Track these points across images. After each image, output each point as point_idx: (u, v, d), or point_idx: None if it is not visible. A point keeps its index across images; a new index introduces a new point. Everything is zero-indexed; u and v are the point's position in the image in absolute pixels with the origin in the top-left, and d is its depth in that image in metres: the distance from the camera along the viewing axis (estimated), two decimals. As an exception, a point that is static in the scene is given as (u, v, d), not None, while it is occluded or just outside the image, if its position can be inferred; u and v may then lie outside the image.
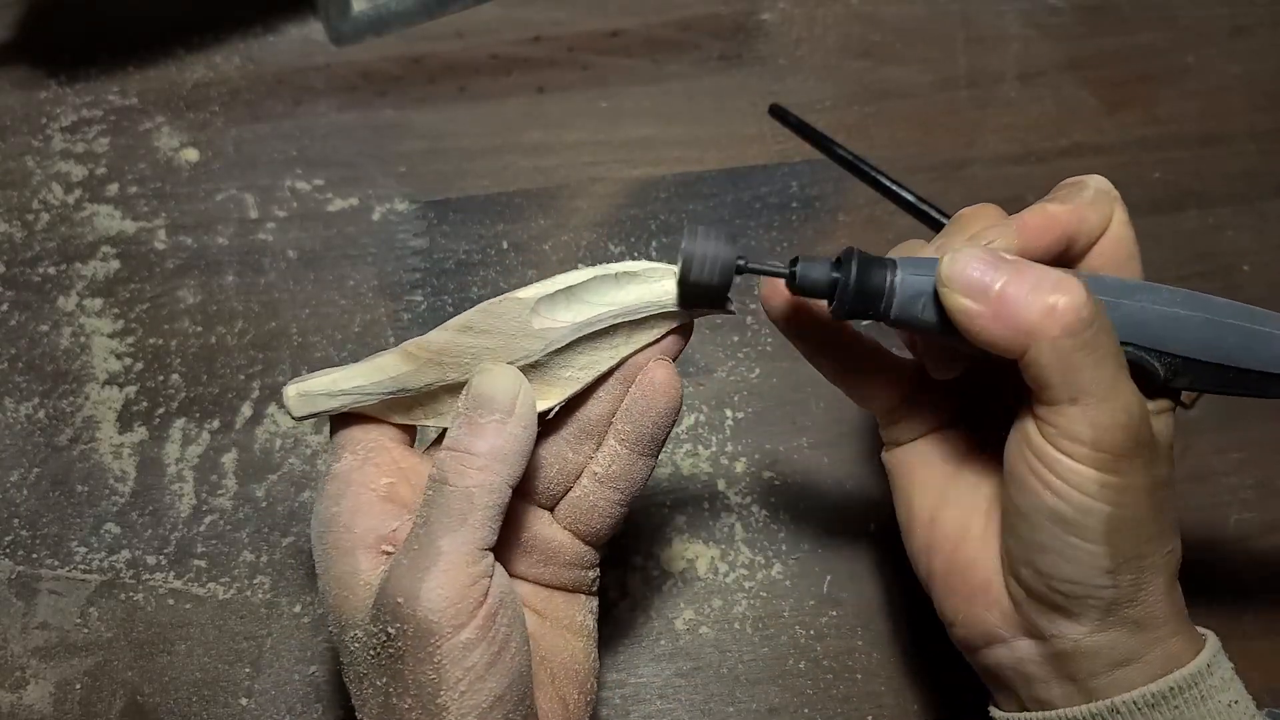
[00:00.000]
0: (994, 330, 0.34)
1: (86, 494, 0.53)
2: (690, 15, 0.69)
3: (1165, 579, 0.37)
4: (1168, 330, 0.36)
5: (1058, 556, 0.37)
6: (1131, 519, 0.36)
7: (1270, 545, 0.55)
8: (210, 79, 0.64)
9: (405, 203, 0.61)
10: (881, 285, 0.35)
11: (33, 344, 0.56)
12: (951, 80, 0.68)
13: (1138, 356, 0.37)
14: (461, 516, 0.35)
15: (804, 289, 0.36)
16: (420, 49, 0.66)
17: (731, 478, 0.55)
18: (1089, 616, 0.37)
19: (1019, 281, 0.34)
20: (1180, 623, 0.38)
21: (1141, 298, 0.36)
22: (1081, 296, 0.34)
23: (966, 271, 0.34)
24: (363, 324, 0.57)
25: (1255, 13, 0.71)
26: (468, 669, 0.34)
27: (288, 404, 0.39)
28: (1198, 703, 0.37)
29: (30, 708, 0.48)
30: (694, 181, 0.63)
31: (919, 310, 0.36)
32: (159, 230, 0.60)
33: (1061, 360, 0.34)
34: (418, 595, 0.34)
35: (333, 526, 0.37)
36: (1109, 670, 0.38)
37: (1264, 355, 0.37)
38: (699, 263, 0.35)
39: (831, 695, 0.50)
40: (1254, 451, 0.57)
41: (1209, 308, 0.37)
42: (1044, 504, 0.36)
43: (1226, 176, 0.65)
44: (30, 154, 0.61)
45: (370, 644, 0.35)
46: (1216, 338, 0.36)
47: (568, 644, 0.41)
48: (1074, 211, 0.38)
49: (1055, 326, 0.33)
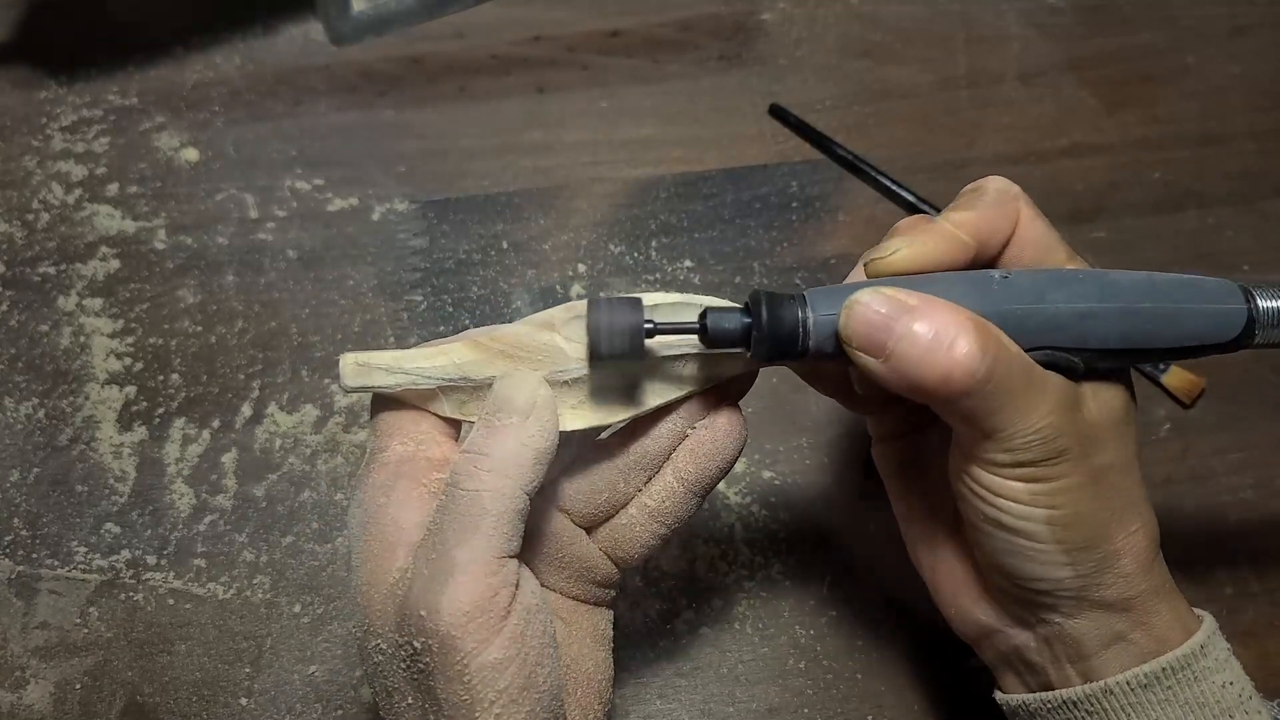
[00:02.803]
0: (895, 387, 0.35)
1: (86, 494, 0.53)
2: (690, 15, 0.69)
3: (1135, 558, 0.38)
4: (1084, 328, 0.36)
5: (1015, 559, 0.37)
6: (1075, 515, 0.37)
7: (1271, 545, 0.55)
8: (210, 79, 0.64)
9: (405, 202, 0.61)
10: (795, 327, 0.35)
11: (33, 344, 0.56)
12: (951, 80, 0.68)
13: (1056, 357, 0.37)
14: (474, 523, 0.33)
15: (717, 341, 0.35)
16: (420, 49, 0.66)
17: (731, 477, 0.55)
18: (1064, 605, 0.38)
19: (913, 343, 0.34)
20: (1168, 599, 0.39)
21: (1055, 297, 0.36)
22: (975, 358, 0.33)
23: (862, 327, 0.34)
24: (363, 324, 0.57)
25: (1255, 13, 0.71)
26: (501, 690, 0.33)
27: (343, 371, 0.37)
28: (1191, 683, 0.38)
29: (30, 707, 0.48)
30: (694, 181, 0.63)
31: (834, 348, 0.35)
32: (159, 230, 0.60)
33: (963, 413, 0.35)
34: (439, 609, 0.32)
35: (379, 519, 0.35)
36: (1101, 650, 0.38)
37: (1176, 333, 0.37)
38: (606, 335, 0.34)
39: (831, 695, 0.50)
40: (1254, 451, 0.57)
41: (1121, 293, 0.37)
42: (986, 515, 0.37)
43: (1226, 176, 0.65)
44: (30, 154, 0.61)
45: (398, 655, 0.34)
46: (1131, 327, 0.37)
47: (591, 654, 0.40)
48: (978, 217, 0.38)
49: (952, 391, 0.34)
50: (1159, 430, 0.57)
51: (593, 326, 0.34)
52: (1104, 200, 0.64)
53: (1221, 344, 0.38)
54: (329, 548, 0.52)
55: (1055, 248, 0.40)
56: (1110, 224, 0.63)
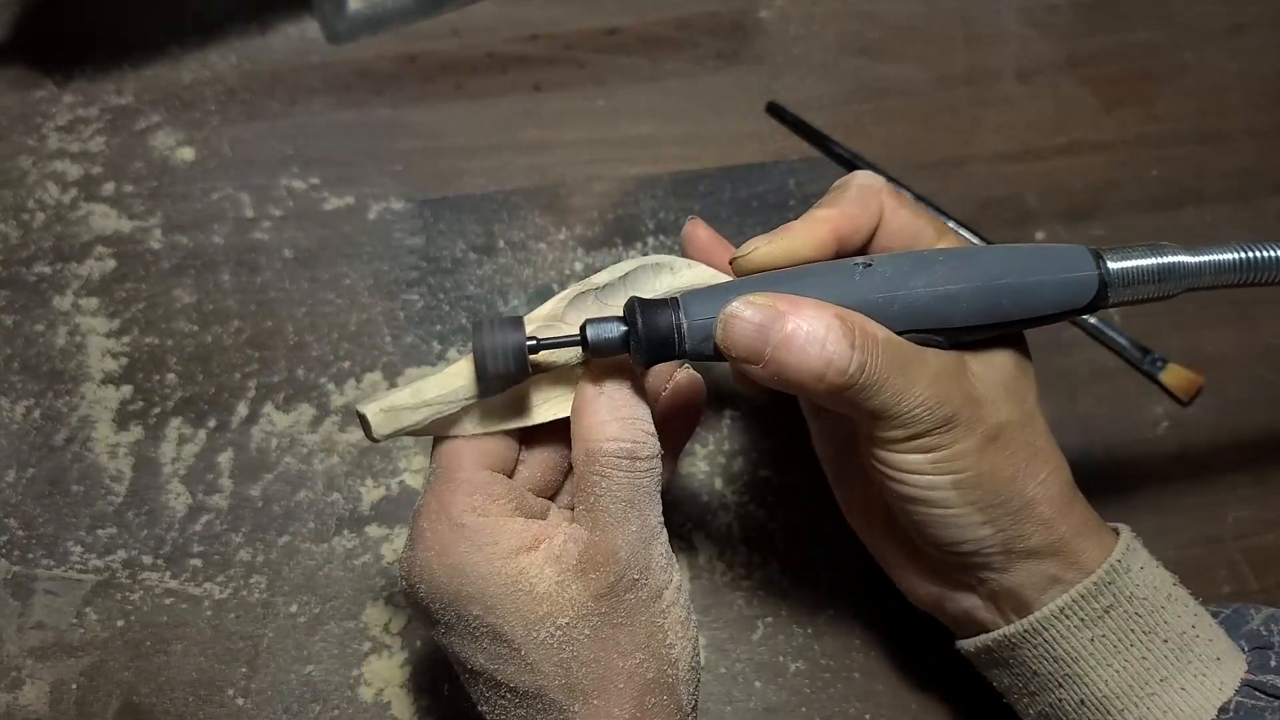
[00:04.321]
0: (778, 386, 0.37)
1: (82, 494, 0.52)
2: (688, 13, 0.68)
3: (1050, 504, 0.40)
4: (945, 309, 0.38)
5: (936, 528, 0.40)
6: (978, 475, 0.38)
7: (1268, 542, 0.55)
8: (206, 78, 0.64)
9: (401, 201, 0.61)
10: (669, 331, 0.37)
11: (28, 343, 0.56)
12: (949, 78, 0.67)
13: (922, 339, 0.38)
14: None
15: (599, 349, 0.37)
16: (416, 47, 0.66)
17: (729, 476, 0.55)
18: (994, 562, 0.40)
19: (787, 348, 0.36)
20: (1092, 534, 0.41)
21: (916, 282, 0.38)
22: (844, 355, 0.36)
23: (738, 338, 0.36)
24: (359, 323, 0.57)
25: (1253, 10, 0.71)
26: (678, 619, 0.38)
27: (372, 423, 0.37)
28: (1117, 595, 0.40)
29: (26, 708, 0.48)
30: (692, 180, 0.63)
31: (710, 349, 0.37)
32: (155, 229, 0.59)
33: (846, 403, 0.37)
34: (649, 565, 0.37)
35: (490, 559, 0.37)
36: (1039, 596, 0.40)
37: (1035, 303, 0.39)
38: (491, 355, 0.36)
39: (830, 694, 0.50)
40: (1252, 449, 0.57)
41: (981, 271, 0.38)
42: (899, 493, 0.39)
43: (1224, 174, 0.65)
44: (25, 153, 0.61)
45: (584, 619, 0.36)
46: (991, 304, 0.38)
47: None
48: (840, 213, 0.41)
49: (829, 386, 0.36)
50: (1157, 428, 0.57)
51: (477, 350, 0.36)
52: (1102, 198, 0.64)
53: (1077, 309, 0.40)
54: (325, 547, 0.52)
55: (922, 232, 0.42)
56: (1109, 222, 0.63)
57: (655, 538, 0.38)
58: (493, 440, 0.39)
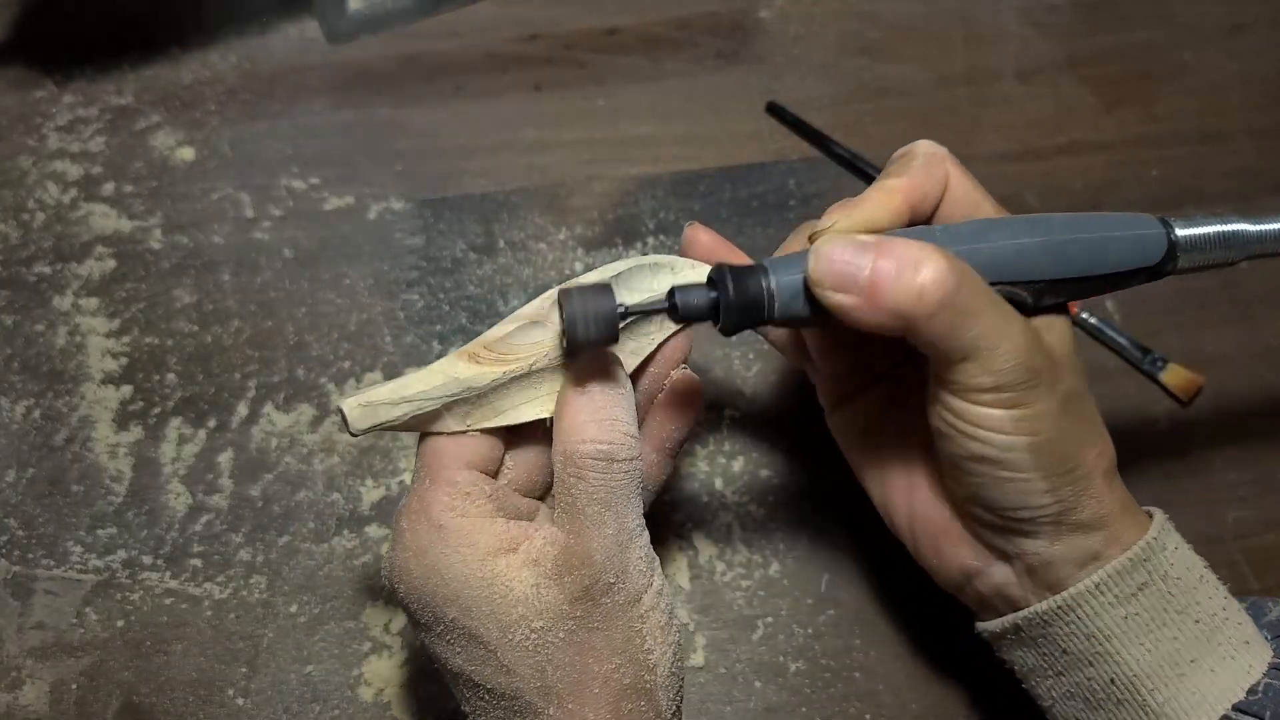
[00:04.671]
0: (873, 318, 0.36)
1: (82, 494, 0.52)
2: (688, 13, 0.68)
3: (1101, 478, 0.40)
4: (1022, 261, 0.39)
5: (998, 491, 0.39)
6: (1052, 440, 0.38)
7: (1268, 542, 0.55)
8: (206, 78, 0.64)
9: (401, 201, 0.61)
10: (760, 294, 0.37)
11: (28, 343, 0.56)
12: (949, 78, 0.67)
13: (1007, 292, 0.39)
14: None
15: (688, 315, 0.37)
16: (416, 47, 0.66)
17: (729, 476, 0.55)
18: (1044, 532, 0.39)
19: (883, 269, 0.35)
20: (1131, 513, 0.41)
21: (994, 237, 0.39)
22: (943, 269, 0.35)
23: (832, 267, 0.36)
24: (359, 323, 0.57)
25: (1253, 10, 0.71)
26: (657, 624, 0.38)
27: (349, 417, 0.38)
28: (1152, 574, 0.40)
29: (26, 708, 0.48)
30: (691, 180, 0.63)
31: (800, 308, 0.37)
32: (155, 229, 0.59)
33: (943, 330, 0.36)
34: (625, 569, 0.37)
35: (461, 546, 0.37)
36: (1076, 571, 0.40)
37: (1105, 259, 0.40)
38: (583, 322, 0.36)
39: (829, 694, 0.50)
40: (1252, 448, 0.57)
41: (1055, 227, 0.40)
42: (970, 451, 0.38)
43: (1224, 174, 0.65)
44: (26, 153, 0.61)
45: (560, 623, 0.36)
46: (1063, 258, 0.39)
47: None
48: (909, 182, 0.41)
49: (928, 305, 0.35)
50: (1157, 428, 0.57)
51: (569, 316, 0.36)
52: (1102, 198, 0.64)
53: (1149, 269, 0.41)
54: (325, 547, 0.52)
55: (983, 202, 0.42)
56: (1108, 222, 0.63)
57: (634, 540, 0.37)
58: (477, 440, 0.39)
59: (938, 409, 0.39)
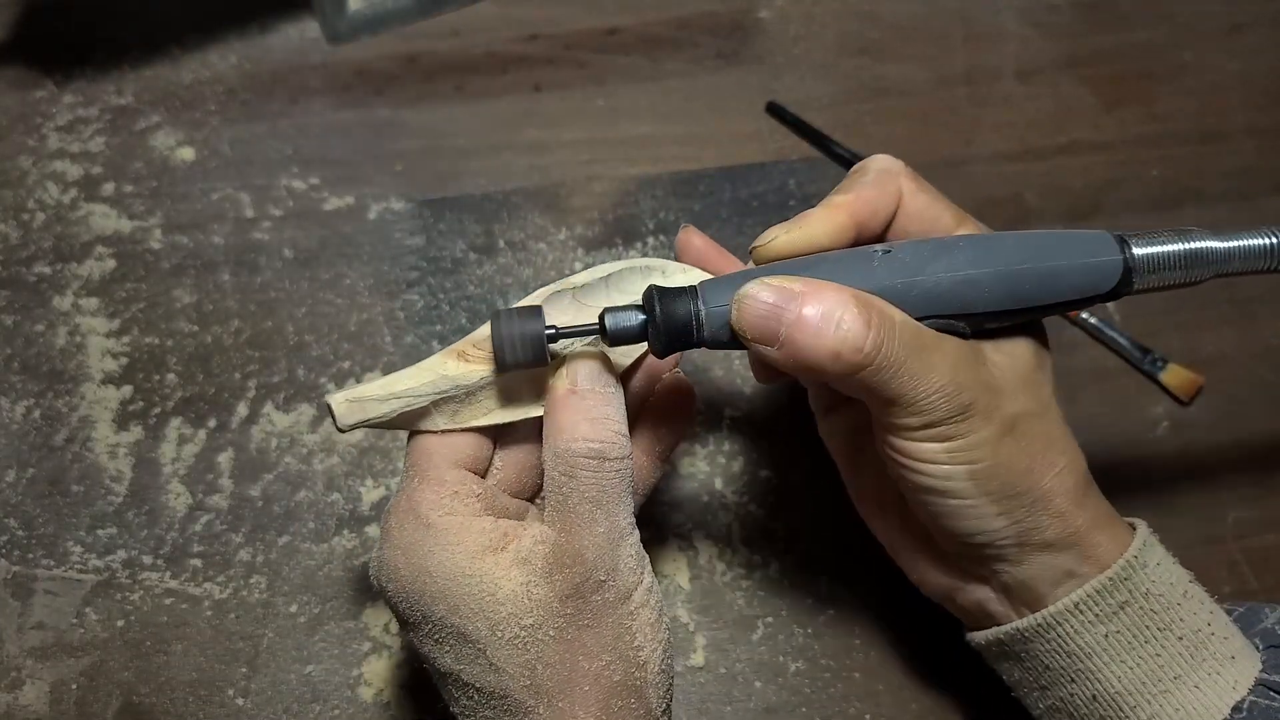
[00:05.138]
0: (792, 369, 0.37)
1: (82, 494, 0.52)
2: (687, 13, 0.68)
3: (1066, 496, 0.39)
4: (966, 294, 0.38)
5: (952, 519, 0.39)
6: (993, 466, 0.38)
7: (1268, 542, 0.55)
8: (206, 78, 0.64)
9: (401, 201, 0.61)
10: (688, 319, 0.37)
11: (28, 344, 0.56)
12: (949, 78, 0.67)
13: (943, 325, 0.38)
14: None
15: (618, 338, 0.37)
16: (416, 47, 0.66)
17: (729, 476, 0.55)
18: (1008, 554, 0.40)
19: (802, 328, 0.35)
20: (1107, 528, 0.40)
21: (936, 268, 0.38)
22: (859, 334, 0.35)
23: (754, 321, 0.36)
24: (359, 323, 0.57)
25: (1253, 10, 0.71)
26: (647, 621, 0.37)
27: (336, 413, 0.38)
28: (1134, 591, 0.39)
29: (26, 708, 0.48)
30: (691, 179, 0.63)
31: (729, 337, 0.37)
32: (155, 229, 0.59)
33: (862, 384, 0.36)
34: (616, 567, 0.37)
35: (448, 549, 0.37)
36: (1053, 589, 0.40)
37: (1055, 289, 0.39)
38: (510, 344, 0.36)
39: (829, 694, 0.50)
40: (1253, 449, 0.57)
41: (999, 258, 0.38)
42: (915, 483, 0.39)
43: (1224, 174, 0.65)
44: (26, 153, 0.61)
45: (549, 620, 0.36)
46: (1013, 290, 0.38)
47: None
48: (857, 198, 0.40)
49: (844, 366, 0.36)
50: (1157, 428, 0.57)
51: (496, 339, 0.36)
52: (1102, 198, 0.64)
53: (1101, 295, 0.39)
54: (325, 547, 0.52)
55: (941, 217, 0.41)
56: (1109, 221, 0.63)
57: (624, 538, 0.37)
58: (466, 439, 0.39)
59: (880, 443, 0.40)
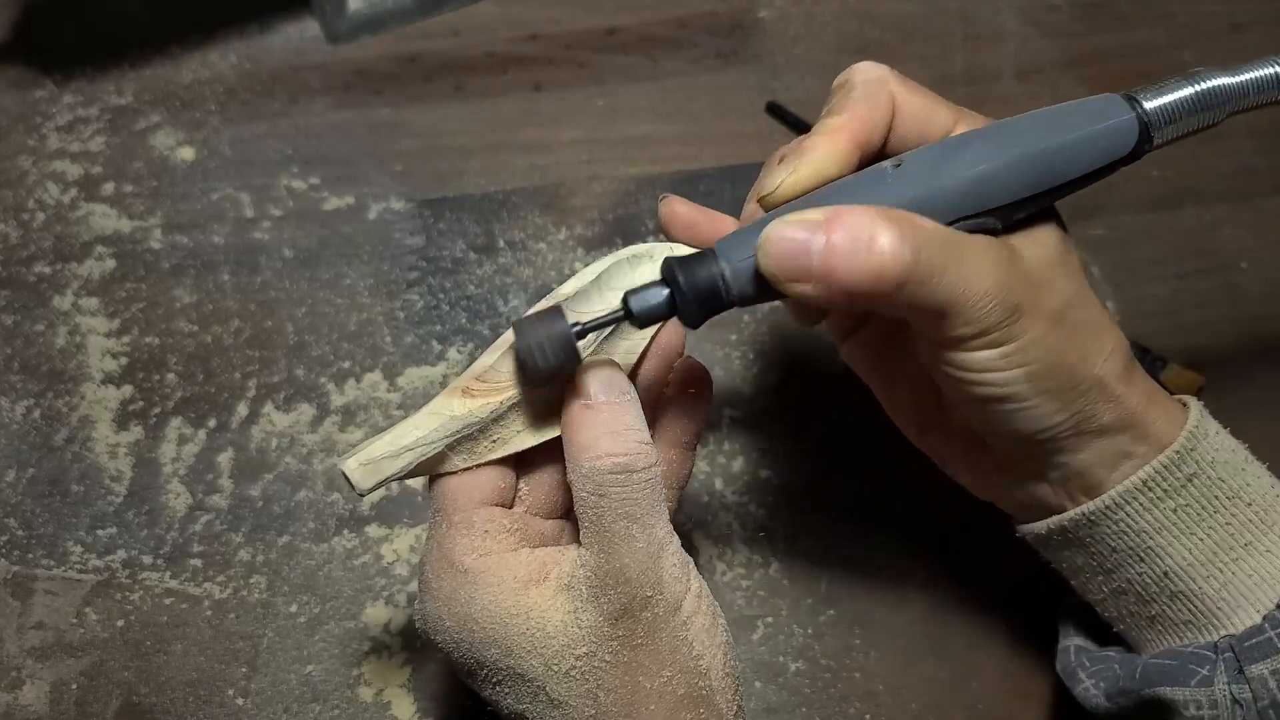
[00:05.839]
0: (835, 301, 0.34)
1: (82, 494, 0.52)
2: (687, 13, 0.68)
3: (1117, 379, 0.38)
4: (987, 190, 0.36)
5: (1012, 422, 0.38)
6: (1048, 362, 0.37)
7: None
8: (206, 78, 0.64)
9: (401, 201, 0.61)
10: (713, 281, 0.35)
11: (28, 343, 0.56)
12: (949, 78, 0.67)
13: (973, 226, 0.37)
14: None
15: (646, 318, 0.35)
16: (416, 47, 0.66)
17: (729, 476, 0.55)
18: (1067, 445, 0.39)
19: (835, 253, 0.33)
20: (1158, 403, 0.39)
21: (953, 169, 0.36)
22: (897, 242, 0.33)
23: (783, 261, 0.34)
24: (359, 323, 0.57)
25: (1252, 10, 0.71)
26: (702, 628, 0.36)
27: (352, 479, 0.37)
28: (1196, 466, 0.39)
29: (26, 708, 0.48)
30: (691, 179, 0.63)
31: (757, 289, 0.35)
32: (154, 229, 0.59)
33: (909, 299, 0.34)
34: (661, 579, 0.35)
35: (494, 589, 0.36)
36: (1110, 473, 0.39)
37: (1077, 162, 0.37)
38: (539, 351, 0.34)
39: (829, 694, 0.50)
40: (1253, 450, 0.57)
41: (1014, 143, 0.37)
42: (974, 394, 0.37)
43: (1224, 174, 0.65)
44: (25, 153, 0.61)
45: (603, 645, 0.35)
46: (1033, 173, 0.37)
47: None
48: (852, 117, 0.38)
49: (888, 283, 0.33)
50: (1157, 428, 0.57)
51: (521, 349, 0.34)
52: (1102, 197, 0.64)
53: (1123, 158, 0.38)
54: (325, 547, 0.52)
55: (938, 115, 0.39)
56: (1108, 221, 0.63)
57: (664, 549, 0.36)
58: (487, 475, 0.38)
59: (931, 361, 0.38)
